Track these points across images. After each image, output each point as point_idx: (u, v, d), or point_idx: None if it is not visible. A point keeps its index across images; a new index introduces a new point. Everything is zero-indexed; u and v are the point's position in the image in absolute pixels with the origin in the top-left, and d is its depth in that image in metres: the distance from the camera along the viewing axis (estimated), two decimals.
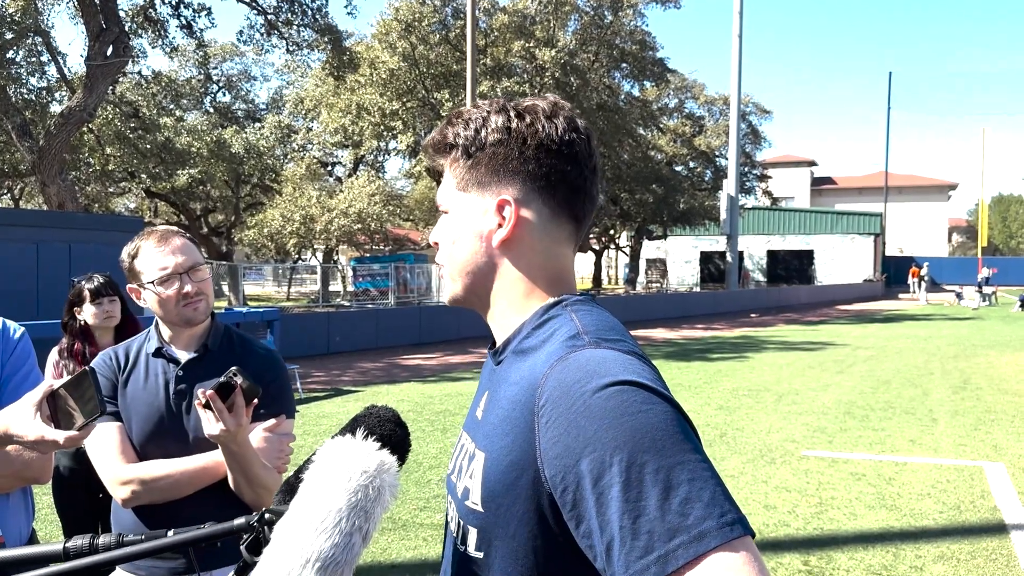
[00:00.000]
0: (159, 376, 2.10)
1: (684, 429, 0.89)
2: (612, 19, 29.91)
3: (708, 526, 0.80)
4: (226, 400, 1.79)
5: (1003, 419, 9.07)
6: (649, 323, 25.01)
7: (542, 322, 1.06)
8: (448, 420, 9.09)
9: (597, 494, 0.85)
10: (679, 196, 37.61)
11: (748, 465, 7.01)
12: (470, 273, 1.11)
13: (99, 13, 16.08)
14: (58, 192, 15.80)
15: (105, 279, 3.62)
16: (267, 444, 2.03)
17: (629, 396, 0.88)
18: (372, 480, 0.96)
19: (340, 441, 1.02)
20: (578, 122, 1.10)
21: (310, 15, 20.08)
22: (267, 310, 14.75)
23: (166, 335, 2.13)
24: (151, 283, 2.04)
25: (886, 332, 21.56)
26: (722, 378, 12.49)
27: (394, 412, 1.17)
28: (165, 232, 2.10)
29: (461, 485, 1.07)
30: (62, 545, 1.23)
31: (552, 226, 1.10)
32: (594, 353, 0.95)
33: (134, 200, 39.20)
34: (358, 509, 0.94)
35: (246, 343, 2.23)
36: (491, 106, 1.11)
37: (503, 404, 1.02)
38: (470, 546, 1.03)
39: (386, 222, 33.83)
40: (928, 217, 67.54)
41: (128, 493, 2.00)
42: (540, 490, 0.93)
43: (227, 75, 39.52)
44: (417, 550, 4.91)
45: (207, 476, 2.01)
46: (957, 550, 4.91)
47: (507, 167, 1.08)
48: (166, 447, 2.05)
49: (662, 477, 0.83)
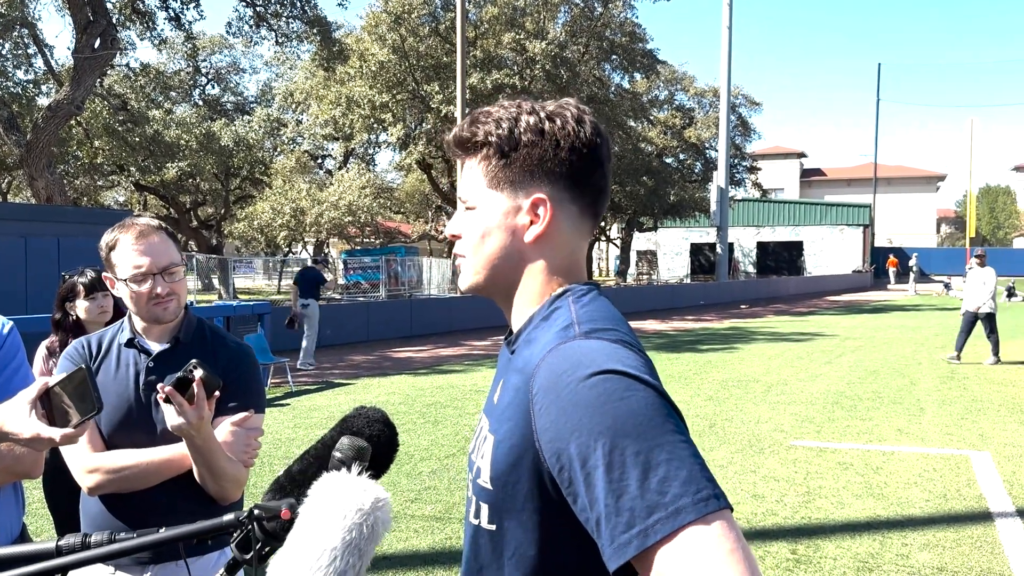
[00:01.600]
0: (130, 367, 2.11)
1: (667, 412, 0.95)
2: (602, 11, 29.84)
3: (684, 502, 0.87)
4: (185, 393, 1.80)
5: (989, 408, 9.15)
6: (640, 315, 25.06)
7: (549, 312, 1.13)
8: (439, 412, 9.11)
9: (585, 475, 0.93)
10: (669, 188, 37.56)
11: (737, 455, 7.07)
12: (497, 266, 1.17)
13: (86, 5, 15.97)
14: (46, 186, 15.71)
15: (98, 273, 3.60)
16: (234, 438, 2.04)
17: (612, 384, 0.95)
18: (367, 518, 0.99)
19: (336, 477, 1.04)
20: (601, 127, 1.18)
21: (299, 7, 20.00)
22: (257, 303, 14.74)
23: (139, 326, 2.15)
24: (123, 280, 2.06)
25: (874, 322, 21.68)
26: (712, 369, 12.55)
27: (382, 413, 1.19)
28: (144, 228, 2.10)
29: (476, 465, 1.13)
30: (55, 543, 1.24)
31: (579, 223, 1.17)
32: (582, 344, 1.02)
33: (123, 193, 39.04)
34: (352, 547, 0.97)
35: (218, 336, 2.24)
36: (519, 107, 1.17)
37: (509, 391, 1.09)
38: (483, 520, 1.10)
39: (376, 215, 33.79)
40: (917, 208, 67.81)
41: (94, 482, 2.02)
42: (541, 468, 1.01)
43: (216, 67, 39.34)
44: (408, 541, 4.93)
45: (173, 467, 2.03)
46: (943, 538, 4.97)
47: (542, 167, 1.14)
48: (134, 438, 2.06)
49: (642, 459, 0.90)
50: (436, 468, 6.67)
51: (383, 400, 10.04)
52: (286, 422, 8.63)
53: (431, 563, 4.60)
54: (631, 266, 49.78)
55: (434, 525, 5.23)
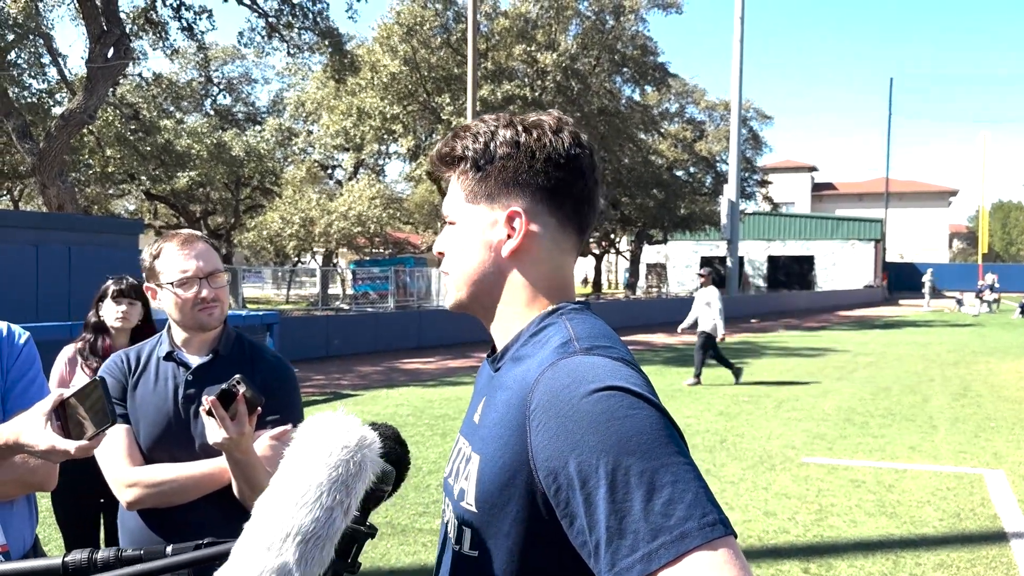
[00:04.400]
0: (169, 380, 2.10)
1: (669, 433, 0.92)
2: (614, 24, 29.93)
3: (689, 526, 0.84)
4: (228, 408, 1.78)
5: (1003, 426, 9.06)
6: (649, 328, 25.00)
7: (539, 330, 1.09)
8: (447, 424, 9.08)
9: (585, 495, 0.89)
10: (680, 201, 37.59)
11: (748, 471, 7.00)
12: (477, 282, 1.14)
13: (100, 15, 16.09)
14: (58, 194, 15.78)
15: (133, 282, 3.64)
16: (273, 452, 2.02)
17: (616, 401, 0.92)
18: (353, 455, 0.97)
19: (321, 416, 1.03)
20: (582, 136, 1.14)
21: (311, 18, 20.09)
22: (267, 313, 14.73)
23: (178, 339, 2.15)
24: (170, 284, 2.06)
25: (886, 338, 21.56)
26: (722, 383, 12.48)
27: (394, 430, 1.17)
28: (189, 235, 2.13)
29: (457, 487, 1.10)
30: (61, 559, 1.23)
31: (559, 236, 1.14)
32: (584, 360, 0.99)
33: (134, 202, 39.22)
34: (339, 484, 0.95)
35: (256, 350, 2.24)
36: (498, 120, 1.14)
37: (499, 408, 1.05)
38: (464, 545, 1.07)
39: (386, 225, 33.83)
40: (929, 223, 67.58)
41: (133, 496, 2.00)
42: (534, 490, 0.97)
43: (228, 77, 39.56)
44: (416, 555, 4.89)
45: (212, 482, 2.01)
46: (957, 558, 4.90)
47: (516, 180, 1.11)
48: (173, 451, 2.05)
49: (646, 479, 0.87)
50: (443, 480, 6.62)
51: (391, 412, 10.02)
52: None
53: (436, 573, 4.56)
54: (641, 279, 49.72)
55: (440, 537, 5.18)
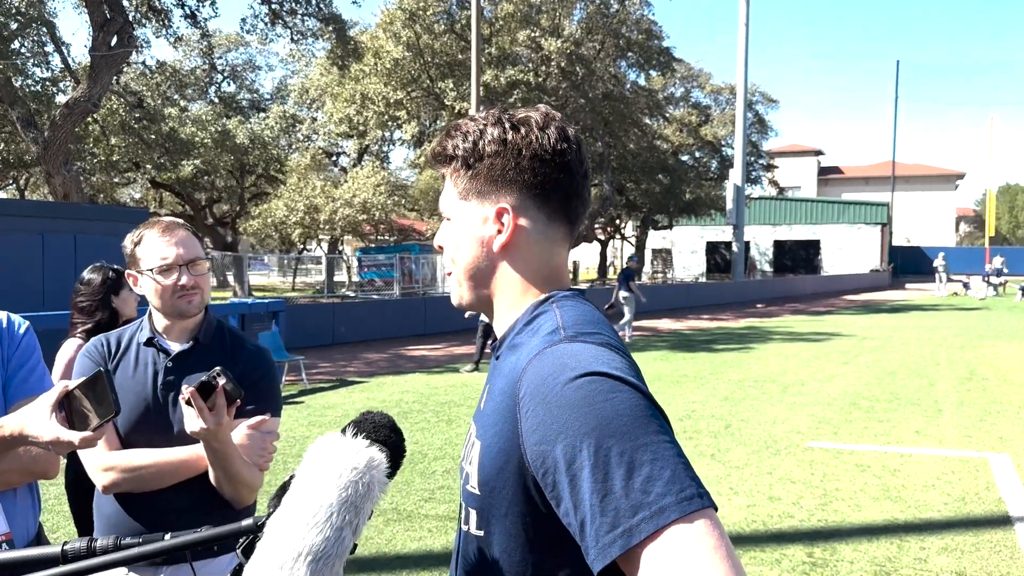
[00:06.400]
0: (148, 366, 2.11)
1: (651, 413, 0.96)
2: (618, 8, 29.71)
3: (667, 501, 0.88)
4: (207, 399, 1.79)
5: (1009, 410, 9.05)
6: (655, 314, 24.98)
7: (532, 318, 1.14)
8: (453, 411, 9.10)
9: (570, 476, 0.93)
10: (685, 186, 37.43)
11: (753, 456, 7.01)
12: (473, 276, 1.20)
13: (103, 3, 16.04)
14: (63, 183, 15.81)
15: None
16: (250, 442, 2.04)
17: (597, 386, 0.96)
18: (362, 476, 1.00)
19: (330, 438, 1.05)
20: (569, 131, 1.18)
21: (314, 4, 20.00)
22: (272, 301, 14.77)
23: (159, 325, 2.15)
24: (150, 271, 2.08)
25: (892, 322, 21.51)
26: (727, 369, 12.47)
27: (390, 419, 1.18)
28: (170, 223, 2.14)
29: (466, 471, 1.15)
30: (60, 547, 1.23)
31: (548, 230, 1.19)
32: (568, 347, 1.03)
33: (139, 190, 39.29)
34: (348, 504, 0.99)
35: (237, 338, 2.24)
36: (487, 119, 1.19)
37: (495, 396, 1.10)
38: (472, 526, 1.12)
39: (391, 212, 33.83)
40: (935, 207, 67.26)
41: (109, 480, 2.02)
42: (525, 473, 1.01)
43: (231, 65, 39.45)
44: (422, 541, 4.92)
45: (189, 469, 2.03)
46: (961, 542, 4.90)
47: (504, 177, 1.16)
48: (150, 437, 2.06)
49: (626, 459, 0.91)
50: (450, 467, 6.64)
51: (397, 399, 10.04)
52: (301, 420, 8.64)
53: (445, 563, 4.58)
54: (646, 264, 49.64)
55: (448, 525, 5.21)
